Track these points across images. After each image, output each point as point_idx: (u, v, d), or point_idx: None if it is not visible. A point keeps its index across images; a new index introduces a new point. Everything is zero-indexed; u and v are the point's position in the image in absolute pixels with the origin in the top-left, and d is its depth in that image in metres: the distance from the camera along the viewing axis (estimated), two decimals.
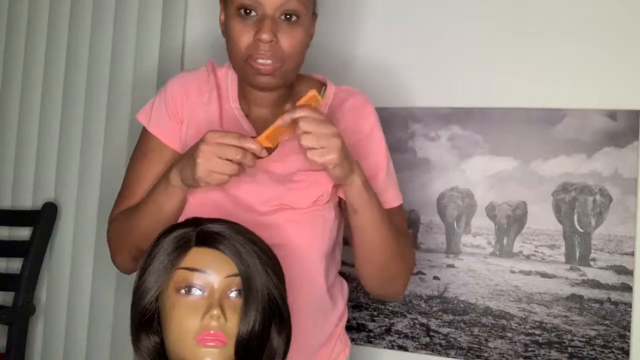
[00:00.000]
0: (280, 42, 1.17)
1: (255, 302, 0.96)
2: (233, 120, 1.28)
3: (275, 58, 1.17)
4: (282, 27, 1.17)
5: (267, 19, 1.16)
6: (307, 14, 1.20)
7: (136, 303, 1.00)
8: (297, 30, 1.18)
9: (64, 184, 2.12)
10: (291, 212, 1.23)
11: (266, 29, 1.15)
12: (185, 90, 1.30)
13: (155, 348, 1.00)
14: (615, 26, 1.58)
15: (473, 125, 1.68)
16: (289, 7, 1.16)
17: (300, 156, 1.19)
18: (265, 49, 1.16)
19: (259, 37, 1.16)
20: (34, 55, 2.20)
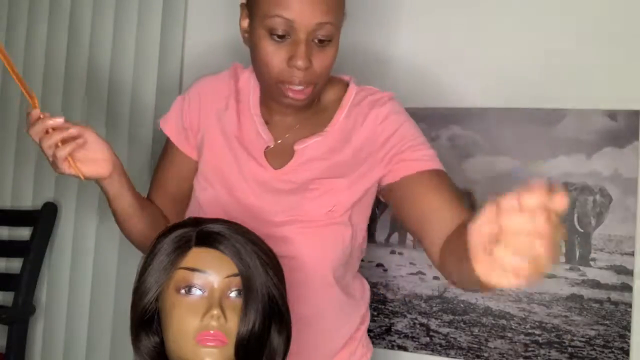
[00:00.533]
0: (313, 67, 1.12)
1: (255, 302, 0.96)
2: (251, 128, 1.24)
3: (308, 82, 1.13)
4: (315, 50, 1.12)
5: (302, 43, 1.10)
6: (339, 31, 1.15)
7: (136, 303, 1.00)
8: (330, 51, 1.14)
9: (64, 184, 2.12)
10: (304, 224, 1.19)
11: (301, 55, 1.10)
12: (200, 97, 1.29)
13: (155, 348, 1.00)
14: (616, 26, 1.58)
15: (473, 125, 1.68)
16: (323, 32, 1.11)
17: (315, 163, 1.18)
18: (299, 75, 1.12)
19: (293, 64, 1.10)
20: (34, 55, 2.20)
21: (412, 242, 1.72)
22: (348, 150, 1.21)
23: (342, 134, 1.22)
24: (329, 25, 1.10)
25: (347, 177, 1.20)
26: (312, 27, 1.09)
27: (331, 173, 1.20)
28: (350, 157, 1.21)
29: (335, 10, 1.11)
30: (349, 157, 1.21)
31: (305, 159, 1.21)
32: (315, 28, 1.09)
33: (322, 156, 1.21)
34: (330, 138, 1.22)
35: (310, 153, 1.20)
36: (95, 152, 1.16)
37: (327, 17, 1.09)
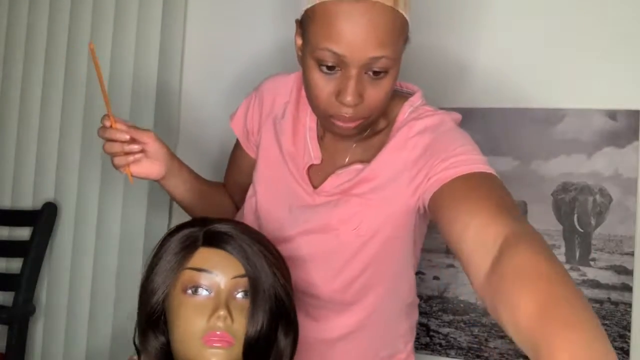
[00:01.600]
0: (365, 101, 1.02)
1: (262, 303, 0.96)
2: (302, 141, 1.20)
3: (359, 117, 1.04)
4: (368, 83, 1.01)
5: (352, 79, 1.00)
6: (399, 60, 1.04)
7: (144, 303, 1.00)
8: (386, 84, 1.03)
9: (64, 184, 2.12)
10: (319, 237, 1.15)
11: (351, 92, 1.00)
12: (262, 102, 1.28)
13: (162, 348, 1.00)
14: (616, 26, 1.58)
15: (473, 125, 1.68)
16: (378, 65, 1.00)
17: (346, 185, 1.13)
18: (348, 112, 1.02)
19: (342, 100, 1.01)
20: (34, 55, 2.20)
21: None
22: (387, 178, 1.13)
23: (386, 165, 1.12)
24: (383, 59, 0.99)
25: (375, 197, 1.13)
26: (365, 62, 0.98)
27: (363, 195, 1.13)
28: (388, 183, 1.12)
29: (392, 42, 1.00)
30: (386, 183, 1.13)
31: (341, 182, 1.14)
32: (368, 62, 0.99)
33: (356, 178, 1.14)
34: (370, 170, 1.12)
35: (346, 176, 1.14)
36: (152, 158, 1.27)
37: (381, 51, 0.98)
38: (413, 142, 1.10)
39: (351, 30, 0.96)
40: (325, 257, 1.16)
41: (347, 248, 1.14)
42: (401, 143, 1.11)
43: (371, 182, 1.12)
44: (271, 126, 1.24)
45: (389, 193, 1.11)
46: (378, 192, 1.12)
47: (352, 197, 1.13)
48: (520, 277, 0.76)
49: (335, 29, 0.97)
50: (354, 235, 1.13)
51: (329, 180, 1.15)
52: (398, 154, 1.11)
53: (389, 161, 1.11)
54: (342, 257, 1.14)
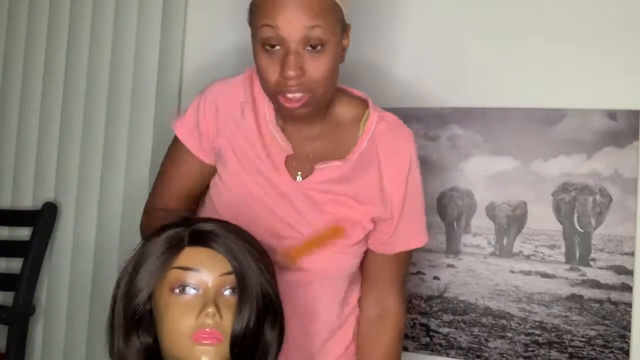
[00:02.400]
0: (307, 74, 1.12)
1: (249, 299, 0.97)
2: (269, 135, 1.25)
3: (304, 90, 1.13)
4: (308, 58, 1.11)
5: (291, 54, 1.10)
6: (334, 35, 1.14)
7: (127, 304, 1.00)
8: (324, 58, 1.12)
9: (64, 184, 2.12)
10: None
11: (290, 65, 1.10)
12: (217, 103, 1.29)
13: (147, 349, 1.00)
14: (616, 26, 1.58)
15: (473, 125, 1.68)
16: (313, 38, 1.10)
17: (333, 186, 1.23)
18: (292, 84, 1.12)
19: (284, 75, 1.11)
20: (34, 55, 2.20)
21: None
22: (366, 179, 1.25)
23: (362, 163, 1.25)
24: (317, 28, 1.09)
25: (363, 206, 1.25)
26: (300, 34, 1.09)
27: (347, 200, 1.24)
28: (366, 186, 1.25)
29: (324, 13, 1.10)
30: (364, 186, 1.25)
31: (324, 180, 1.23)
32: (303, 33, 1.09)
33: (339, 180, 1.23)
34: (350, 166, 1.24)
35: (329, 175, 1.23)
36: None
37: (315, 20, 1.09)
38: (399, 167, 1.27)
39: (285, 5, 1.08)
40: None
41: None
42: (381, 150, 1.25)
43: (351, 181, 1.24)
44: (232, 127, 1.27)
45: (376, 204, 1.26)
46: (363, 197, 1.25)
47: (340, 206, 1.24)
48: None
49: (271, 7, 1.09)
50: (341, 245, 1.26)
51: (312, 176, 1.23)
52: (375, 160, 1.25)
53: (365, 159, 1.25)
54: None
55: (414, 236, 1.32)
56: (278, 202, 1.23)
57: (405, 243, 1.31)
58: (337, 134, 1.26)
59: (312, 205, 1.23)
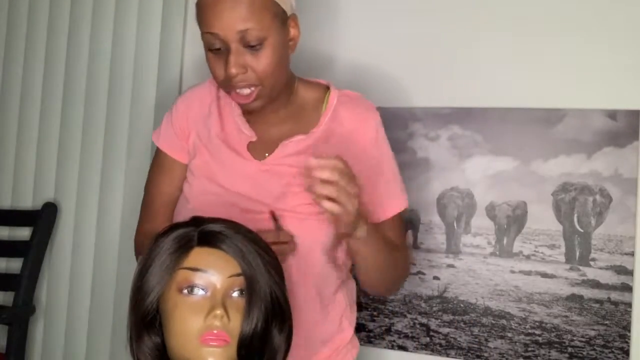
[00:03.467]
0: (250, 70, 1.19)
1: (258, 302, 0.96)
2: (234, 127, 1.32)
3: (251, 84, 1.20)
4: (249, 56, 1.18)
5: (231, 54, 1.17)
6: (274, 30, 1.20)
7: (138, 304, 1.00)
8: (265, 53, 1.19)
9: (64, 184, 2.12)
10: (290, 214, 1.26)
11: (231, 64, 1.17)
12: (188, 107, 1.37)
13: (157, 349, 1.00)
14: (616, 26, 1.58)
15: (473, 125, 1.68)
16: (248, 38, 1.17)
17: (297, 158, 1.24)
18: (237, 81, 1.19)
19: (227, 74, 1.18)
20: (34, 56, 2.20)
21: (411, 242, 1.72)
22: (330, 150, 1.24)
23: (325, 136, 1.30)
24: (251, 30, 1.16)
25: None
26: (236, 36, 1.16)
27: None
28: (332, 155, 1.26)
29: (255, 16, 1.16)
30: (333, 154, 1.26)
31: (287, 153, 1.27)
32: (238, 36, 1.16)
33: (304, 151, 1.26)
34: (314, 137, 1.29)
35: (293, 148, 1.27)
36: None
37: (247, 23, 1.16)
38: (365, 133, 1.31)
39: (219, 13, 1.16)
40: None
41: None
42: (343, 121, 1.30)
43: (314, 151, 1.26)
44: (202, 126, 1.34)
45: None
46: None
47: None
48: None
49: (208, 16, 1.18)
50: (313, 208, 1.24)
51: (277, 152, 1.28)
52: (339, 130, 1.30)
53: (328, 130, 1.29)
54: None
55: (396, 198, 1.34)
56: (242, 183, 1.28)
57: (388, 207, 1.33)
58: (301, 115, 1.32)
59: (278, 178, 1.26)
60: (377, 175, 1.31)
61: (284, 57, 1.24)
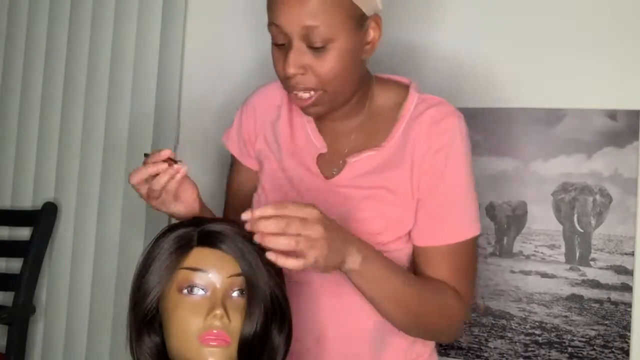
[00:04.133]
0: (310, 72, 1.07)
1: (259, 302, 0.96)
2: (303, 135, 1.22)
3: (310, 88, 1.09)
4: (311, 56, 1.06)
5: (291, 51, 1.06)
6: (345, 32, 1.06)
7: (138, 303, 1.00)
8: (329, 56, 1.06)
9: (64, 184, 2.12)
10: None
11: (289, 63, 1.06)
12: (256, 109, 1.28)
13: (157, 348, 1.00)
14: (616, 26, 1.58)
15: (473, 125, 1.67)
16: (313, 37, 1.04)
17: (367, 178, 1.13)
18: (295, 82, 1.08)
19: (284, 73, 1.08)
20: (34, 56, 2.20)
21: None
22: (403, 168, 1.14)
23: (398, 149, 1.15)
24: (317, 29, 1.04)
25: (401, 199, 1.13)
26: (300, 32, 1.05)
27: (384, 194, 1.13)
28: (405, 175, 1.14)
29: (325, 13, 1.04)
30: (404, 175, 1.14)
31: (357, 174, 1.15)
32: (303, 32, 1.05)
33: (373, 170, 1.15)
34: (385, 153, 1.15)
35: (362, 167, 1.15)
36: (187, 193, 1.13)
37: (314, 20, 1.04)
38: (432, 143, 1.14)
39: (284, 1, 1.05)
40: None
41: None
42: (418, 132, 1.14)
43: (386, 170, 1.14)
44: (270, 133, 1.25)
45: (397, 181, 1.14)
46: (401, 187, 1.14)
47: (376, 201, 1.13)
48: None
49: (274, 5, 1.07)
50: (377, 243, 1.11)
51: (344, 171, 1.16)
52: (413, 142, 1.14)
53: (401, 144, 1.14)
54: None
55: (455, 225, 1.14)
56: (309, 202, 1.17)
57: (441, 232, 1.13)
58: (375, 125, 1.18)
59: (346, 203, 1.14)
60: (433, 196, 1.13)
61: (354, 62, 1.10)
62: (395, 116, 1.17)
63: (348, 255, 1.00)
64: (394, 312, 1.09)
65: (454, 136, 1.14)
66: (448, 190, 1.13)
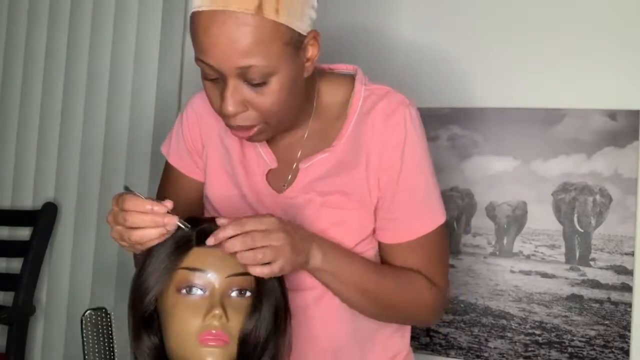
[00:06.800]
0: (251, 108, 0.98)
1: (264, 302, 0.96)
2: (253, 150, 1.13)
3: (252, 123, 1.00)
4: (249, 92, 0.97)
5: (228, 89, 0.96)
6: (285, 62, 0.96)
7: (137, 304, 1.00)
8: (270, 90, 0.97)
9: (64, 184, 2.12)
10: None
11: (227, 102, 0.96)
12: (197, 117, 1.19)
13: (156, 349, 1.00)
14: (615, 26, 1.58)
15: (473, 125, 1.68)
16: (250, 76, 0.95)
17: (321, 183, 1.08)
18: (235, 120, 0.99)
19: (223, 111, 0.98)
20: (34, 56, 2.20)
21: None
22: (358, 168, 1.08)
23: (351, 148, 1.09)
24: (253, 68, 0.94)
25: (359, 202, 1.09)
26: (235, 72, 0.95)
27: (340, 199, 1.08)
28: (361, 176, 1.08)
29: (260, 51, 0.93)
30: (359, 176, 1.08)
31: (311, 179, 1.09)
32: (239, 72, 0.95)
33: (328, 173, 1.09)
34: (338, 154, 1.09)
35: (315, 171, 1.09)
36: None
37: (249, 60, 0.93)
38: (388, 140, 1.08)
39: (213, 41, 0.94)
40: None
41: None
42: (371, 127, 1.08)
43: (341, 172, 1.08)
44: (218, 141, 1.17)
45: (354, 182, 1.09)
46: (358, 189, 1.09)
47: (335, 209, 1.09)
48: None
49: (201, 40, 0.96)
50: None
51: (298, 179, 1.10)
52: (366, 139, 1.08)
53: (354, 141, 1.08)
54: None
55: (421, 218, 1.11)
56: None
57: (409, 228, 1.10)
58: (324, 125, 1.11)
59: (303, 215, 1.09)
60: (394, 192, 1.08)
61: (297, 87, 1.01)
62: (343, 113, 1.10)
63: (310, 254, 1.00)
64: (361, 301, 1.08)
65: (407, 128, 1.08)
66: (409, 186, 1.09)
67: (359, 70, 1.15)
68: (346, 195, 1.08)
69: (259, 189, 1.12)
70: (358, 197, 1.09)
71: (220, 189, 1.16)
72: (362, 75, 1.14)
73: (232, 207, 1.14)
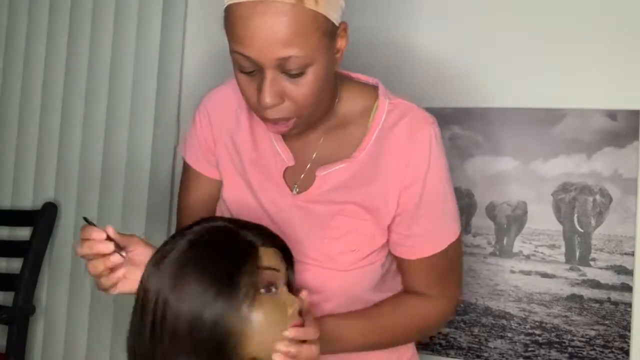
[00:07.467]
0: (288, 100, 0.98)
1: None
2: (268, 146, 1.13)
3: (288, 115, 1.00)
4: (288, 83, 0.97)
5: (266, 80, 0.96)
6: (322, 52, 0.97)
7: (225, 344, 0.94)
8: (307, 81, 0.97)
9: (64, 184, 2.12)
10: (324, 268, 1.10)
11: (265, 94, 0.96)
12: (210, 115, 1.19)
13: None
14: (615, 26, 1.58)
15: (473, 125, 1.68)
16: (290, 66, 0.95)
17: (338, 193, 1.08)
18: (272, 112, 0.99)
19: (260, 103, 0.98)
20: (34, 56, 2.20)
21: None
22: (377, 184, 1.08)
23: (370, 162, 1.08)
24: (293, 58, 0.94)
25: (374, 214, 1.09)
26: (275, 63, 0.95)
27: (356, 209, 1.08)
28: (379, 192, 1.08)
29: (300, 41, 0.94)
30: (378, 191, 1.08)
31: (327, 188, 1.09)
32: (278, 63, 0.95)
33: (345, 184, 1.08)
34: (356, 166, 1.08)
35: (332, 181, 1.08)
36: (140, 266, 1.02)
37: (287, 51, 0.94)
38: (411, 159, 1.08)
39: (253, 32, 0.94)
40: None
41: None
42: (393, 143, 1.08)
43: (359, 185, 1.09)
44: (229, 141, 1.17)
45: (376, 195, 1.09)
46: (374, 201, 1.09)
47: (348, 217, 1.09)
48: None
49: (239, 33, 0.95)
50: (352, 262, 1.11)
51: (315, 185, 1.09)
52: (387, 154, 1.08)
53: (374, 155, 1.08)
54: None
55: (440, 237, 1.12)
56: (281, 221, 1.10)
57: (429, 245, 1.11)
58: (343, 132, 1.11)
59: (313, 220, 1.09)
60: (413, 211, 1.08)
61: (329, 78, 1.02)
62: (365, 124, 1.10)
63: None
64: (371, 349, 1.12)
65: (431, 147, 1.09)
66: (430, 204, 1.09)
67: (379, 83, 1.15)
68: (362, 207, 1.08)
69: (272, 190, 1.12)
70: (373, 211, 1.09)
71: (233, 190, 1.16)
72: (385, 89, 1.14)
73: (244, 209, 1.14)
